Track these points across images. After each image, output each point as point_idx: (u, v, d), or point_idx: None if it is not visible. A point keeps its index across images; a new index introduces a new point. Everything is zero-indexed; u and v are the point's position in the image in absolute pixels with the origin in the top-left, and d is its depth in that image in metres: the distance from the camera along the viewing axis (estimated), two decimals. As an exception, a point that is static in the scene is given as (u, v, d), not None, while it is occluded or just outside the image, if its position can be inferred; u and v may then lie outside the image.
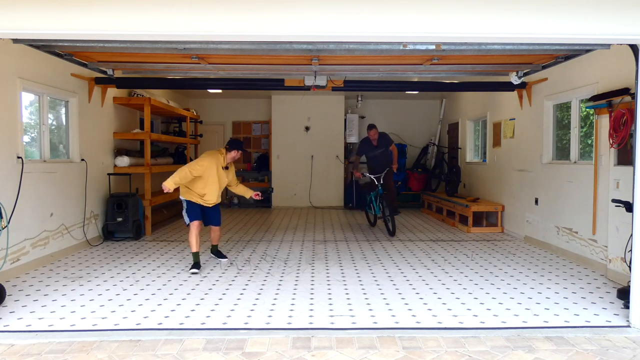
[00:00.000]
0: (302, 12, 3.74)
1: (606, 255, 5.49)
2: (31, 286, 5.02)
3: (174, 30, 3.76)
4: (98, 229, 7.47)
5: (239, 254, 6.65)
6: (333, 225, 9.55)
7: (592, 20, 3.76)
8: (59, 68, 6.31)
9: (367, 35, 3.88)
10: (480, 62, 6.31)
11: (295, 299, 4.61)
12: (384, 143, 8.66)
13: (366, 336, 3.68)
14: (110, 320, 4.01)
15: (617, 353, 3.43)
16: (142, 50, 5.12)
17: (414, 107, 13.24)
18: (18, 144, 5.52)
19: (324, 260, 6.31)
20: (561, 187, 6.67)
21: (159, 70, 7.03)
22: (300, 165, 12.72)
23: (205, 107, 12.92)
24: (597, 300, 4.61)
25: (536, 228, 7.38)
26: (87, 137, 7.10)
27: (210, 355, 3.36)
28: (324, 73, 6.91)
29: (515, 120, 8.20)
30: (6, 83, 5.36)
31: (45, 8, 3.66)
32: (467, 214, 8.70)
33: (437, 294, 4.80)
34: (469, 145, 10.93)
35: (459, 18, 3.76)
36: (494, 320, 4.05)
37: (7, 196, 5.17)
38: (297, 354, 3.38)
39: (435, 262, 6.17)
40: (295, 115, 12.66)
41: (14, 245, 5.39)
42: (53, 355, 3.35)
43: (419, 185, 12.39)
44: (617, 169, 5.26)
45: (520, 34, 3.82)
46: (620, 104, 5.19)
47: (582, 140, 6.50)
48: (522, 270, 5.74)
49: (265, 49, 4.91)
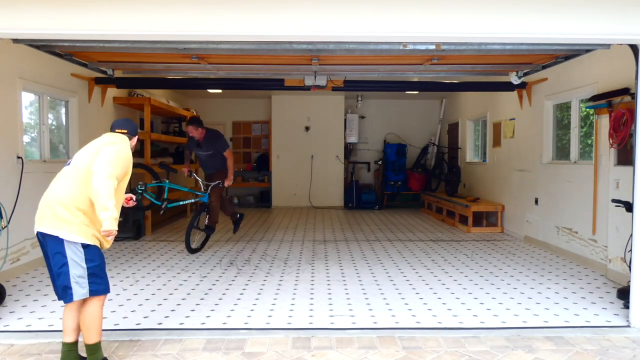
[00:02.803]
0: (302, 12, 3.74)
1: (606, 255, 5.49)
2: (31, 286, 5.02)
3: (174, 30, 3.76)
4: (98, 229, 7.45)
5: (239, 254, 6.65)
6: (333, 225, 9.55)
7: (592, 20, 3.76)
8: (59, 68, 6.31)
9: (367, 35, 3.88)
10: (480, 62, 6.31)
11: (295, 299, 4.61)
12: (211, 145, 6.80)
13: (366, 336, 3.68)
14: (110, 320, 4.01)
15: (617, 353, 3.43)
16: (142, 50, 5.12)
17: (414, 107, 13.24)
18: (18, 144, 5.51)
19: (324, 260, 6.31)
20: (561, 187, 6.67)
21: (159, 70, 7.03)
22: (300, 165, 12.72)
23: (205, 107, 12.91)
24: (597, 300, 4.61)
25: (536, 228, 7.38)
26: (87, 137, 7.01)
27: (210, 355, 3.36)
28: (324, 73, 6.90)
29: (515, 120, 8.20)
30: (6, 83, 5.36)
31: (45, 8, 3.66)
32: (467, 214, 8.70)
33: (437, 294, 4.80)
34: (469, 145, 10.93)
35: (459, 18, 3.76)
36: (494, 320, 4.05)
37: (7, 196, 5.17)
38: (297, 354, 3.37)
39: (435, 262, 6.17)
40: (295, 115, 12.66)
41: (14, 245, 5.39)
42: (53, 355, 3.35)
43: (419, 185, 12.38)
44: (617, 169, 5.26)
45: (520, 34, 3.82)
46: (620, 104, 5.19)
47: (582, 140, 6.50)
48: (522, 270, 5.74)
49: (265, 49, 4.91)
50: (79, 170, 3.03)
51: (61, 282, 2.96)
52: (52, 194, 3.03)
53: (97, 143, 3.19)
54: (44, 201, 3.05)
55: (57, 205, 2.96)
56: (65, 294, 2.97)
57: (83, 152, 3.15)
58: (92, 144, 3.21)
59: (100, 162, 2.98)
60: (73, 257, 2.95)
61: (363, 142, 13.21)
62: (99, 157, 3.01)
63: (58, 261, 2.96)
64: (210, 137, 6.78)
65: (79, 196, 2.97)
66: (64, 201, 2.96)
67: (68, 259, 2.94)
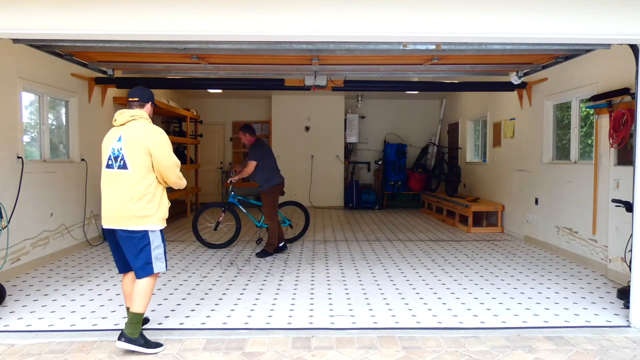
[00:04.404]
0: (302, 12, 3.74)
1: (606, 255, 5.49)
2: (31, 286, 5.02)
3: (174, 30, 3.76)
4: (98, 229, 7.46)
5: (239, 254, 6.65)
6: (333, 225, 9.55)
7: (592, 20, 3.76)
8: (59, 68, 6.31)
9: (367, 35, 3.88)
10: (480, 62, 6.31)
11: (295, 299, 4.61)
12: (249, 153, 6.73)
13: (366, 336, 3.68)
14: (110, 320, 4.01)
15: (617, 353, 3.43)
16: (142, 50, 5.12)
17: (414, 107, 13.24)
18: (18, 144, 5.51)
19: (324, 260, 6.31)
20: (561, 187, 6.67)
21: (159, 70, 7.03)
22: (300, 165, 12.72)
23: (205, 107, 12.92)
24: (597, 300, 4.61)
25: (536, 228, 7.38)
26: (87, 137, 7.10)
27: (210, 355, 3.36)
28: (324, 73, 6.91)
29: (515, 120, 8.20)
30: (6, 83, 5.36)
31: (45, 8, 3.66)
32: (467, 214, 8.70)
33: (437, 293, 4.80)
34: (469, 145, 10.93)
35: (459, 18, 3.76)
36: (494, 320, 4.05)
37: (7, 196, 5.17)
38: (297, 354, 3.37)
39: (435, 262, 6.17)
40: (295, 115, 12.66)
41: (14, 245, 5.39)
42: (53, 355, 3.35)
43: (419, 185, 12.39)
44: (617, 169, 5.26)
45: (520, 34, 3.82)
46: (620, 104, 5.19)
47: (582, 140, 6.50)
48: (522, 270, 5.74)
49: (265, 49, 4.91)
50: (140, 170, 3.40)
51: (143, 259, 3.42)
52: (122, 197, 3.38)
53: (136, 138, 3.41)
54: (116, 205, 3.40)
55: (133, 205, 3.37)
56: (146, 269, 3.44)
57: (131, 153, 3.39)
58: (130, 140, 3.40)
59: (164, 161, 3.46)
60: (155, 240, 3.46)
61: (363, 142, 13.21)
62: (160, 157, 3.44)
63: (139, 244, 3.41)
64: (252, 146, 6.65)
65: (145, 191, 3.41)
66: (138, 199, 3.38)
67: (150, 241, 3.44)
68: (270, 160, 6.69)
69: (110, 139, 3.49)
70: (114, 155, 3.42)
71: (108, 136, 3.53)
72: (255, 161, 6.53)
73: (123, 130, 3.45)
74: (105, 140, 3.52)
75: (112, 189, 3.42)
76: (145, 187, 3.40)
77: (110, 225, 3.44)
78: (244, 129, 6.65)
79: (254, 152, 6.58)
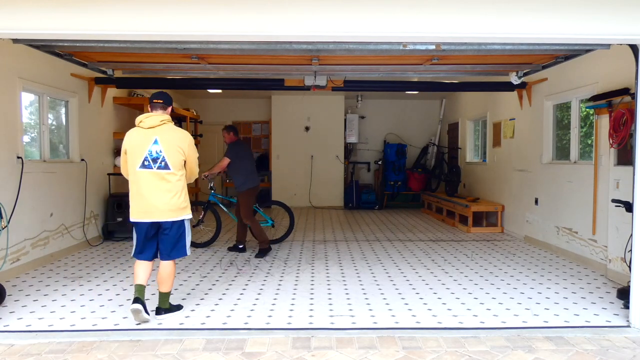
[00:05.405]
0: (302, 12, 3.74)
1: (606, 255, 5.49)
2: (31, 286, 5.02)
3: (174, 30, 3.76)
4: (98, 229, 7.47)
5: (239, 254, 6.65)
6: (333, 225, 9.55)
7: (592, 20, 3.76)
8: (59, 68, 6.31)
9: (367, 35, 3.88)
10: (480, 62, 6.30)
11: (295, 299, 4.61)
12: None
13: (366, 336, 3.68)
14: (110, 320, 4.01)
15: (617, 353, 3.43)
16: (142, 50, 5.11)
17: (414, 107, 13.24)
18: (18, 144, 5.51)
19: (324, 260, 6.31)
20: (561, 187, 6.67)
21: (158, 70, 7.03)
22: (300, 165, 12.72)
23: (205, 107, 12.92)
24: (597, 300, 4.61)
25: (536, 228, 7.38)
26: (87, 137, 7.10)
27: (210, 355, 3.36)
28: (324, 73, 6.90)
29: (515, 120, 8.20)
30: (6, 83, 5.36)
31: (45, 8, 3.66)
32: (467, 214, 8.70)
33: (437, 294, 4.80)
34: (469, 145, 10.94)
35: (459, 18, 3.76)
36: (493, 320, 4.05)
37: (7, 196, 5.17)
38: (297, 354, 3.37)
39: (435, 262, 6.17)
40: (295, 115, 12.66)
41: (14, 245, 5.39)
42: (53, 355, 3.35)
43: (419, 185, 12.39)
44: (617, 169, 5.26)
45: (520, 34, 3.82)
46: (620, 104, 5.19)
47: (582, 140, 6.50)
48: (522, 270, 5.74)
49: (265, 49, 4.91)
50: (178, 169, 3.96)
51: (180, 243, 4.05)
52: (168, 193, 3.91)
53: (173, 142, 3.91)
54: (162, 200, 3.90)
55: (177, 199, 3.95)
56: (181, 251, 4.08)
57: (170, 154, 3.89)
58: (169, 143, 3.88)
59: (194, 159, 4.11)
60: (188, 226, 4.10)
61: (363, 142, 13.21)
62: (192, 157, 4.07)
63: (177, 232, 4.01)
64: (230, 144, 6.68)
65: (182, 186, 4.00)
66: (176, 192, 3.94)
67: (185, 229, 4.07)
68: (246, 162, 6.70)
69: (143, 141, 3.87)
70: (152, 157, 3.86)
71: (138, 138, 3.90)
72: (229, 159, 6.57)
73: (157, 133, 3.88)
74: (136, 142, 3.90)
75: (153, 186, 3.88)
76: (183, 183, 3.99)
77: (154, 218, 3.92)
78: (228, 128, 6.75)
79: (230, 151, 6.64)
